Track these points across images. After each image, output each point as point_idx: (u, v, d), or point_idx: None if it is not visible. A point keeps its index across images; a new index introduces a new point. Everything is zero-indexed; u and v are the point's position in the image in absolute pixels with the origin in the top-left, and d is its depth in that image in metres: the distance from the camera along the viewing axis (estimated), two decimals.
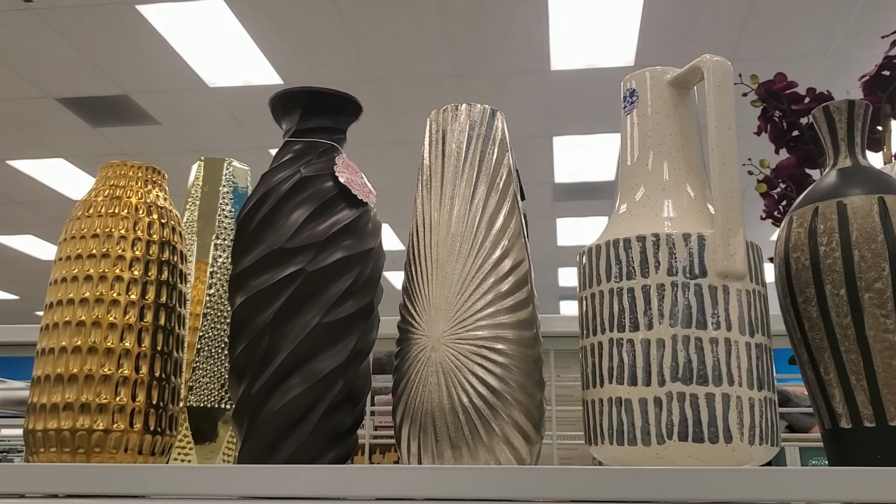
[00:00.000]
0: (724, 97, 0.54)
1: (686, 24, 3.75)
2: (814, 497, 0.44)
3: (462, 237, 0.56)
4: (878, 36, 3.68)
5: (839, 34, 3.67)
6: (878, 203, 0.52)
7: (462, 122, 0.59)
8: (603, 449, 0.53)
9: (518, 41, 3.92)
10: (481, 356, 0.53)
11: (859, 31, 3.64)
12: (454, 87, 4.30)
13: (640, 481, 0.46)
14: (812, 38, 3.68)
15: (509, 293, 0.55)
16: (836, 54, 3.82)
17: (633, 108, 0.60)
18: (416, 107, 4.45)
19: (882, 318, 0.50)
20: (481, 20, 3.73)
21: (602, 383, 0.53)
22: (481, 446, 0.52)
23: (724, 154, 0.53)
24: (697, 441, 0.49)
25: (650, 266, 0.52)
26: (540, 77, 4.22)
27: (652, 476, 0.45)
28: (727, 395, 0.50)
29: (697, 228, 0.53)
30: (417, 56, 3.99)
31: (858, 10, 3.49)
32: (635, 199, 0.57)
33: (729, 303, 0.51)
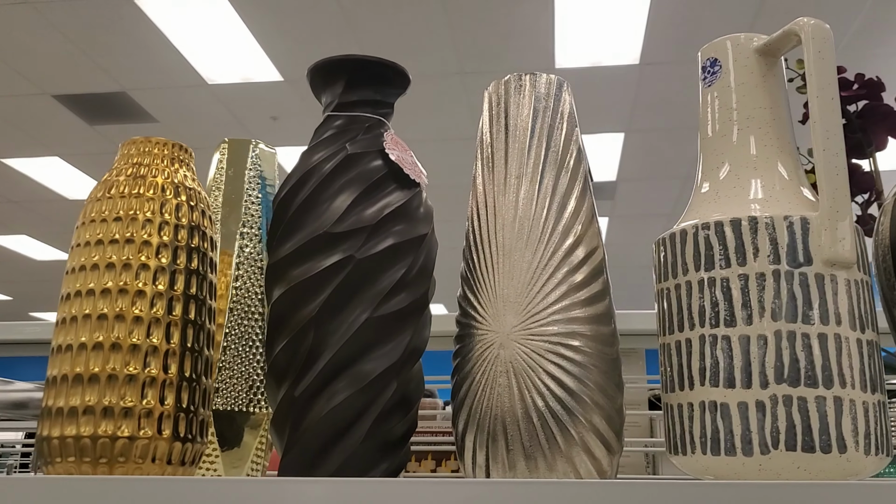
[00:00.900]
0: (825, 64, 0.48)
1: (693, 20, 3.70)
2: None
3: (531, 221, 0.50)
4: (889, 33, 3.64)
5: (850, 30, 3.62)
6: None
7: (527, 94, 0.53)
8: (692, 459, 0.47)
9: (523, 38, 3.86)
10: (556, 354, 0.47)
11: (870, 28, 3.59)
12: (458, 84, 4.24)
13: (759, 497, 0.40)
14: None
15: (584, 284, 0.49)
16: (846, 50, 3.77)
17: (716, 79, 0.54)
18: (419, 104, 4.39)
19: None
20: (486, 17, 3.67)
21: (692, 385, 0.47)
22: (559, 456, 0.46)
23: (829, 127, 0.48)
24: (807, 451, 0.43)
25: (747, 253, 0.46)
26: None
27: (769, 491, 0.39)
28: (839, 399, 0.44)
29: (796, 211, 0.48)
30: (421, 52, 3.93)
31: (869, 7, 3.45)
32: (719, 177, 0.51)
33: (837, 294, 0.46)
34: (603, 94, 4.36)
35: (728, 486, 0.40)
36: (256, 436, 0.66)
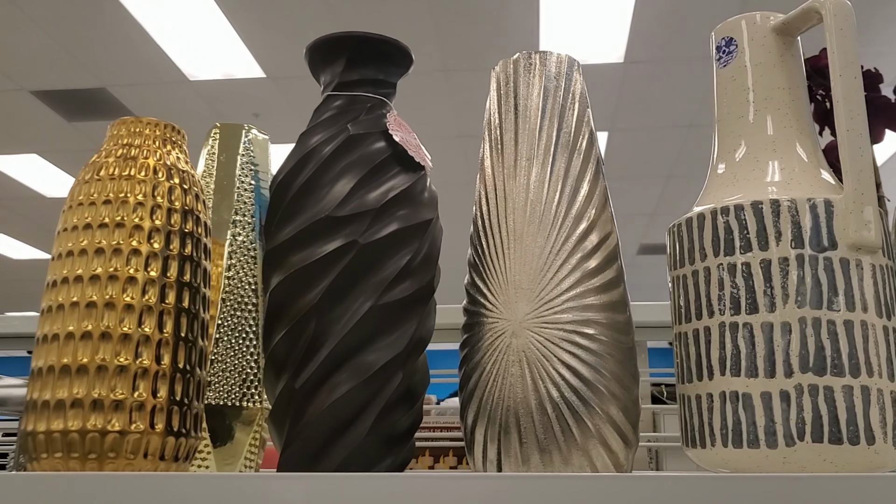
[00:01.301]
0: (848, 42, 0.47)
1: (678, 19, 3.70)
2: None
3: (543, 205, 0.48)
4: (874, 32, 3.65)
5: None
6: None
7: (537, 74, 0.51)
8: (711, 452, 0.45)
9: (508, 36, 3.85)
10: (571, 342, 0.45)
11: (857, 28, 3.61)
12: (442, 81, 4.22)
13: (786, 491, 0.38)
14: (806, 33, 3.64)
15: (597, 271, 0.47)
16: None
17: (731, 59, 0.52)
18: (403, 101, 4.36)
19: None
20: (471, 14, 3.66)
21: (711, 375, 0.45)
22: (575, 449, 0.44)
23: (852, 107, 0.46)
24: (835, 442, 0.41)
25: (770, 237, 0.45)
26: None
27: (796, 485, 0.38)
28: (867, 389, 0.42)
29: (819, 193, 0.46)
30: None
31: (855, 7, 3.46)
32: (735, 158, 0.49)
33: (863, 280, 0.44)
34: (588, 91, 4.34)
35: (754, 479, 0.38)
36: (250, 432, 0.63)
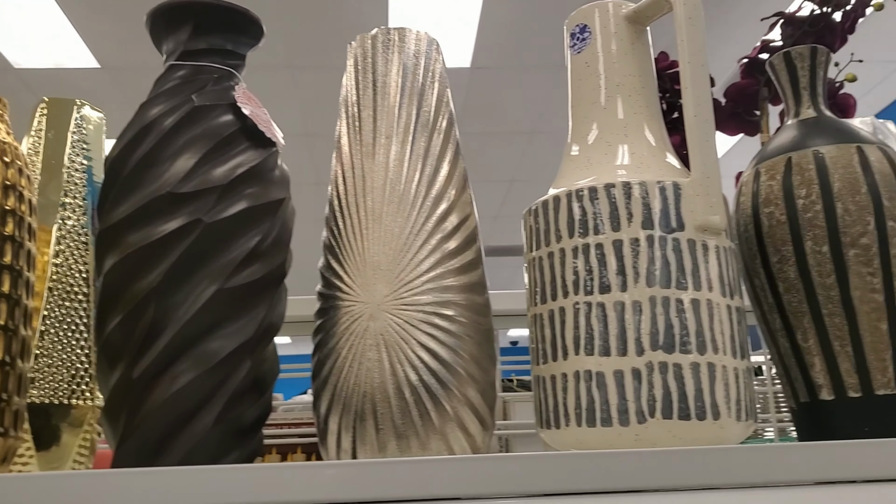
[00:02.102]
0: (696, 30, 0.48)
1: (523, 28, 3.81)
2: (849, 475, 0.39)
3: (402, 185, 0.46)
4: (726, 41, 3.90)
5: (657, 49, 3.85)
6: (857, 152, 0.48)
7: (396, 51, 0.50)
8: (566, 433, 0.45)
9: (357, 34, 3.82)
10: (430, 324, 0.44)
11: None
12: (288, 78, 4.13)
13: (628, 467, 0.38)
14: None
15: (457, 252, 0.46)
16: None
17: (585, 46, 0.53)
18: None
19: (868, 277, 0.46)
20: (319, 12, 3.61)
21: (566, 355, 0.45)
22: (433, 433, 0.43)
23: (699, 93, 0.47)
24: (684, 418, 0.42)
25: (621, 218, 0.45)
26: None
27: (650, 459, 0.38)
28: (713, 365, 0.44)
29: (667, 176, 0.47)
30: None
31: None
32: (588, 141, 0.50)
33: (709, 260, 0.45)
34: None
35: (605, 455, 0.38)
36: (79, 434, 0.58)
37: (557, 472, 0.38)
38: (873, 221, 0.46)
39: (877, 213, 0.46)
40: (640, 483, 0.39)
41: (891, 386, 0.45)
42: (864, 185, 0.47)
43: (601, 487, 0.39)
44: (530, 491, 0.38)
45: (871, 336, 0.45)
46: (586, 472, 0.38)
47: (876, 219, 0.46)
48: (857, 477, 0.41)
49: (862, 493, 0.41)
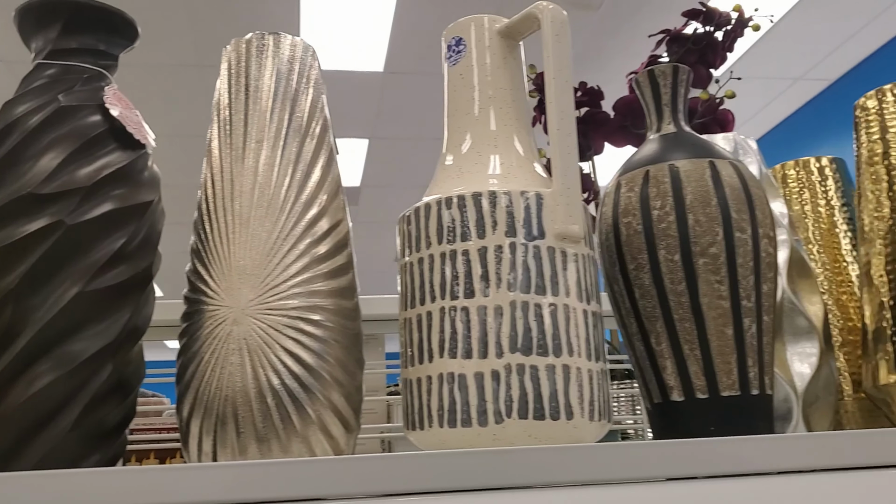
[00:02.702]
0: (562, 47, 0.50)
1: (436, 34, 3.84)
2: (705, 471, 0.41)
3: (272, 189, 0.47)
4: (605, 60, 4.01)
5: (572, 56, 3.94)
6: (709, 166, 0.51)
7: (270, 56, 0.50)
8: (430, 434, 0.46)
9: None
10: (295, 328, 0.44)
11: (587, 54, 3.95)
12: (196, 76, 4.05)
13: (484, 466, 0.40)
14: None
15: (327, 256, 0.47)
16: None
17: (460, 58, 0.54)
18: (153, 96, 4.12)
19: (716, 285, 0.49)
20: (230, 10, 3.55)
21: (431, 358, 0.46)
22: (294, 437, 0.43)
23: (563, 108, 0.49)
24: (539, 419, 0.44)
25: (486, 226, 0.47)
26: None
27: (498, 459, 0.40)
28: (567, 367, 0.46)
29: (532, 186, 0.49)
30: (157, 41, 3.70)
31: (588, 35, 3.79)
32: (462, 151, 0.52)
33: (567, 267, 0.47)
34: (348, 98, 4.38)
35: (462, 454, 0.39)
36: None
37: (414, 472, 0.39)
38: (722, 232, 0.49)
39: (725, 225, 0.49)
40: (496, 481, 0.41)
41: (735, 388, 0.48)
42: (715, 197, 0.49)
43: (457, 486, 0.40)
44: (389, 490, 0.39)
45: (718, 340, 0.48)
46: (442, 471, 0.40)
47: (724, 230, 0.49)
48: (704, 473, 0.43)
49: (709, 488, 0.43)
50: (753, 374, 0.49)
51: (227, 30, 3.67)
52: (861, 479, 0.45)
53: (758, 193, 0.51)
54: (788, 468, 0.44)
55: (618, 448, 0.42)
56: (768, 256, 0.50)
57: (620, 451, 0.42)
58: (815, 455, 0.44)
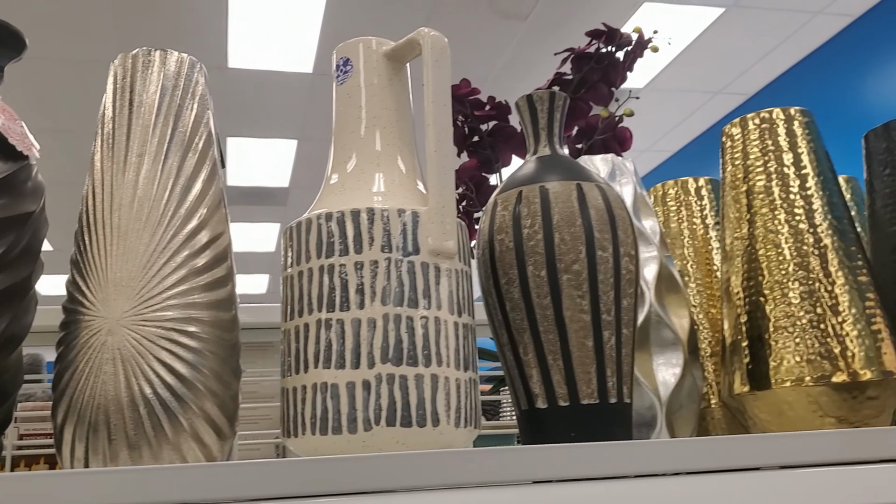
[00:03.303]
0: (441, 72, 0.53)
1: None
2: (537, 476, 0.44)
3: (151, 202, 0.48)
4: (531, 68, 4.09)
5: (498, 65, 4.01)
6: (576, 189, 0.54)
7: (156, 70, 0.51)
8: (304, 441, 0.48)
9: (195, 34, 3.73)
10: (170, 340, 0.46)
11: (515, 64, 4.01)
12: None
13: (349, 471, 0.42)
14: (476, 65, 3.98)
15: (206, 269, 0.49)
16: (495, 82, 4.17)
17: (347, 78, 0.56)
18: (77, 92, 4.03)
19: (578, 299, 0.52)
20: (156, 5, 3.49)
21: (307, 368, 0.48)
22: (166, 444, 0.45)
23: (440, 130, 0.52)
24: (406, 426, 0.47)
25: (364, 241, 0.49)
26: (217, 74, 4.05)
27: (363, 464, 0.42)
28: (435, 377, 0.48)
29: (410, 204, 0.51)
30: (81, 36, 3.62)
31: (515, 44, 3.85)
32: (346, 169, 0.54)
33: (440, 282, 0.50)
34: (277, 99, 4.36)
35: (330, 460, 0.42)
36: None
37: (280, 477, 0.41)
38: (585, 251, 0.52)
39: (588, 244, 0.52)
40: (363, 486, 0.43)
41: (594, 396, 0.51)
42: (580, 218, 0.53)
43: (323, 491, 0.42)
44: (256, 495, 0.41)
45: (579, 351, 0.52)
46: (309, 476, 0.42)
47: (587, 248, 0.52)
48: (566, 476, 0.46)
49: (571, 490, 0.46)
50: (612, 384, 0.52)
51: (152, 27, 3.61)
52: (710, 481, 0.48)
53: (621, 215, 0.54)
54: (642, 472, 0.47)
55: (483, 453, 0.45)
56: (629, 273, 0.54)
57: (485, 455, 0.45)
58: (667, 459, 0.48)
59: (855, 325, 0.55)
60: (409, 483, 0.44)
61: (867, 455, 0.50)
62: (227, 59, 3.98)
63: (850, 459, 0.49)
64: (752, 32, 3.92)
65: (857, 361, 0.54)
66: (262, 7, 3.62)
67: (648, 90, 4.42)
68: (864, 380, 0.54)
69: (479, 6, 3.62)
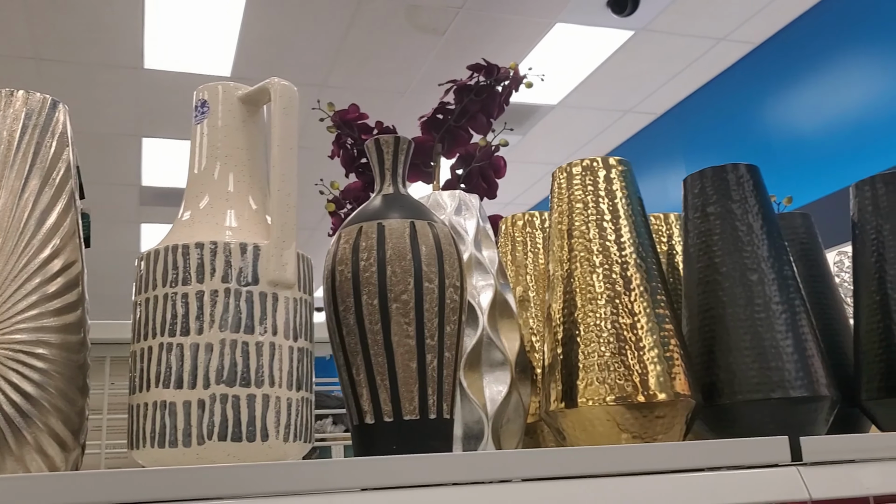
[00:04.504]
0: (288, 119, 0.58)
1: (283, 45, 3.87)
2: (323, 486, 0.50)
3: (7, 232, 0.52)
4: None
5: (416, 77, 4.08)
6: (409, 226, 0.60)
7: (17, 109, 0.55)
8: (145, 452, 0.53)
9: (110, 32, 3.68)
10: (18, 361, 0.50)
11: (432, 77, 4.09)
12: (33, 70, 3.89)
13: (176, 480, 0.47)
14: (394, 76, 4.05)
15: (56, 295, 0.53)
16: (412, 94, 4.24)
17: (204, 119, 0.62)
18: None
19: (405, 326, 0.58)
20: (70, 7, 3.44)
21: (149, 387, 0.53)
22: (10, 457, 0.49)
23: (285, 172, 0.58)
24: (236, 440, 0.52)
25: (206, 272, 0.54)
26: (132, 73, 4.01)
27: (189, 474, 0.47)
28: (267, 396, 0.54)
29: (255, 239, 0.57)
30: None
31: (433, 58, 3.93)
32: (199, 207, 0.59)
33: (277, 309, 0.55)
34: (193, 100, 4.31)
35: (159, 471, 0.47)
36: None
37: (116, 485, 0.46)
38: (413, 282, 0.59)
39: (416, 276, 0.59)
40: (193, 493, 0.48)
41: (415, 413, 0.58)
42: (410, 253, 0.59)
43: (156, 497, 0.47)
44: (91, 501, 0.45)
45: (404, 372, 0.58)
46: (140, 484, 0.47)
47: (415, 280, 0.59)
48: (389, 484, 0.52)
49: (392, 497, 0.52)
50: (432, 402, 0.58)
51: (66, 24, 3.56)
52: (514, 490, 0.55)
53: (449, 250, 0.61)
54: (452, 480, 0.53)
55: (308, 464, 0.51)
56: (453, 303, 0.60)
57: (311, 466, 0.51)
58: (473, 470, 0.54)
59: (652, 353, 0.63)
60: (236, 491, 0.49)
61: (657, 466, 0.57)
62: (142, 60, 3.94)
63: (639, 470, 0.57)
64: (660, 56, 4.10)
65: (653, 384, 0.62)
66: (180, 8, 3.61)
67: (562, 107, 4.56)
68: (657, 400, 0.62)
69: (399, 19, 3.68)
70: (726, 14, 3.78)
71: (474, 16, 3.67)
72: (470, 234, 0.73)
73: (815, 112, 3.73)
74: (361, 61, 3.98)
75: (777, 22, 3.87)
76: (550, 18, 3.74)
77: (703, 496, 0.56)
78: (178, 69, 4.06)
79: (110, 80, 4.03)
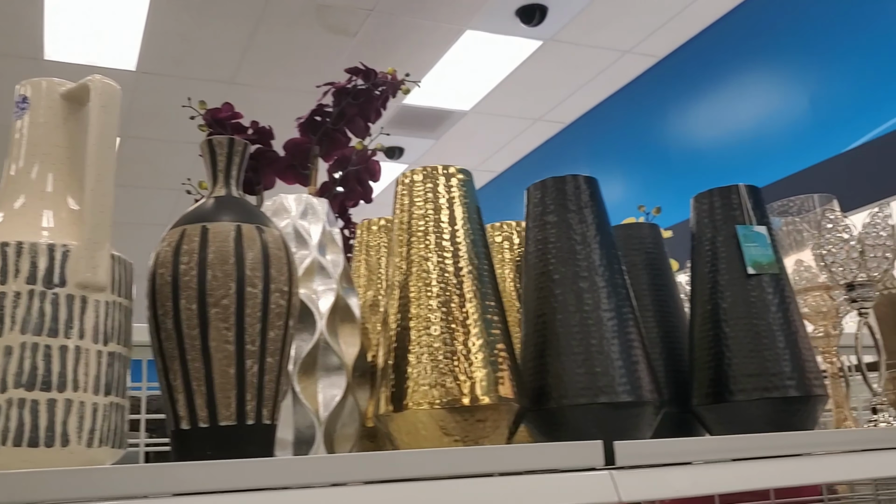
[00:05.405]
0: (107, 117, 0.57)
1: (190, 40, 3.79)
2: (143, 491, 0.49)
3: None
4: None
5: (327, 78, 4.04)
6: (235, 229, 0.59)
7: None
8: None
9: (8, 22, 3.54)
10: None
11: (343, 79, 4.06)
12: None
13: None
14: (305, 76, 4.00)
15: None
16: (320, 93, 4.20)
17: (23, 114, 0.60)
18: None
19: (224, 331, 0.57)
20: None
21: None
22: None
23: (101, 171, 0.56)
24: (32, 446, 0.51)
25: (9, 273, 0.53)
26: (31, 64, 3.86)
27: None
28: (70, 401, 0.52)
29: (70, 240, 0.55)
30: None
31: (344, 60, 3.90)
32: (13, 207, 0.57)
33: (86, 312, 0.54)
34: None
35: None
36: None
37: None
38: (234, 287, 0.58)
39: (238, 281, 0.58)
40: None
41: (232, 418, 0.57)
42: (233, 257, 0.58)
43: None
44: None
45: (221, 378, 0.57)
46: None
47: (237, 285, 0.58)
48: (202, 489, 0.51)
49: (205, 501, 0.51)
50: (251, 407, 0.58)
51: None
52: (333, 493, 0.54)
53: (277, 255, 0.61)
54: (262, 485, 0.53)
55: (114, 470, 0.49)
56: (278, 308, 0.60)
57: (117, 473, 0.49)
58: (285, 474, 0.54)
59: (478, 357, 0.64)
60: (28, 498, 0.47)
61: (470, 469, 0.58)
62: (42, 51, 3.80)
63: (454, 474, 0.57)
64: (567, 66, 4.17)
65: (479, 389, 0.63)
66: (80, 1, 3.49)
67: (474, 113, 4.60)
68: (482, 404, 0.63)
69: (308, 19, 3.65)
70: (631, 27, 3.88)
71: (385, 19, 3.67)
72: (314, 238, 0.73)
73: (714, 124, 3.87)
74: (271, 60, 3.93)
75: (679, 37, 4.00)
76: (461, 25, 3.77)
77: (517, 499, 0.58)
78: (80, 62, 3.93)
79: (7, 71, 3.87)
